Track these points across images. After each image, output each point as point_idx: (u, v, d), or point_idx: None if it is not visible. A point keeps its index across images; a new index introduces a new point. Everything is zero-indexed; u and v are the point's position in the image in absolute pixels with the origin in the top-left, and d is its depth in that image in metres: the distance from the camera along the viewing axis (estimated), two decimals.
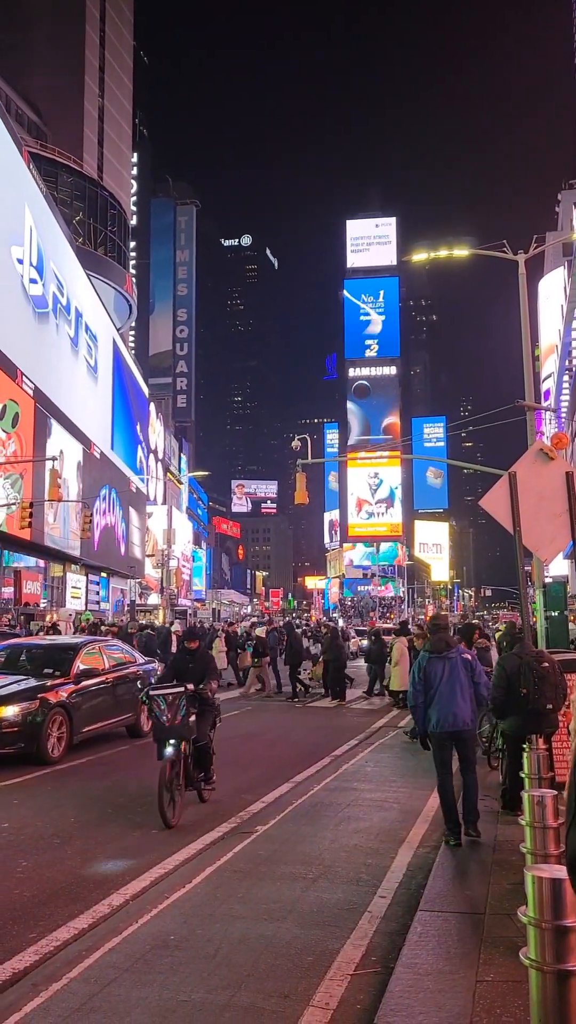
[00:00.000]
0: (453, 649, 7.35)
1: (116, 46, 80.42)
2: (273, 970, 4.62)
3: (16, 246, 35.32)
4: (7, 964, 4.73)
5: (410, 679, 7.54)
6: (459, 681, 7.13)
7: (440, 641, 7.41)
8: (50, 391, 40.17)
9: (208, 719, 8.94)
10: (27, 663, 12.24)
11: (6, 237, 34.25)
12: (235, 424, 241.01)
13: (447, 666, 7.19)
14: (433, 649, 7.35)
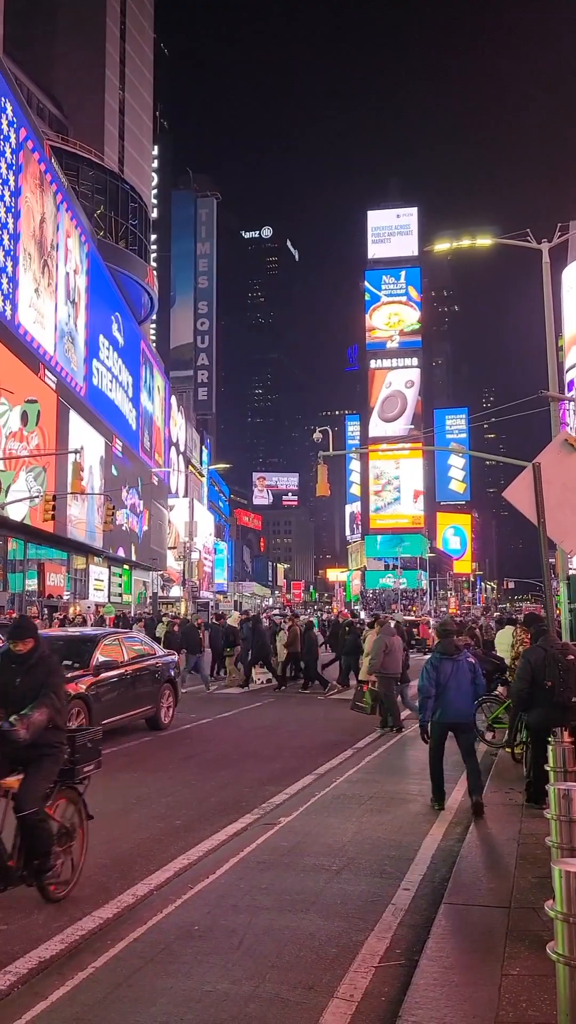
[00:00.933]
0: (460, 652, 8.37)
1: (137, 39, 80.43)
2: (297, 961, 4.62)
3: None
4: (33, 953, 4.77)
5: (421, 675, 8.39)
6: (463, 680, 8.18)
7: (449, 645, 8.37)
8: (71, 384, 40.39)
9: (44, 774, 5.49)
10: None
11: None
12: (256, 416, 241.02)
13: (454, 667, 8.20)
14: (443, 651, 8.33)
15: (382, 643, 13.67)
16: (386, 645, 13.56)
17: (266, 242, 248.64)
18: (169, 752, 11.65)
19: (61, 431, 37.89)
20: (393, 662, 13.48)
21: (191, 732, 13.52)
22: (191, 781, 9.62)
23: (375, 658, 13.57)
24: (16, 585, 36.85)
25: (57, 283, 38.87)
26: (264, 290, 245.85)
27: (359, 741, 12.49)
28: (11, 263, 32.72)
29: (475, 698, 8.55)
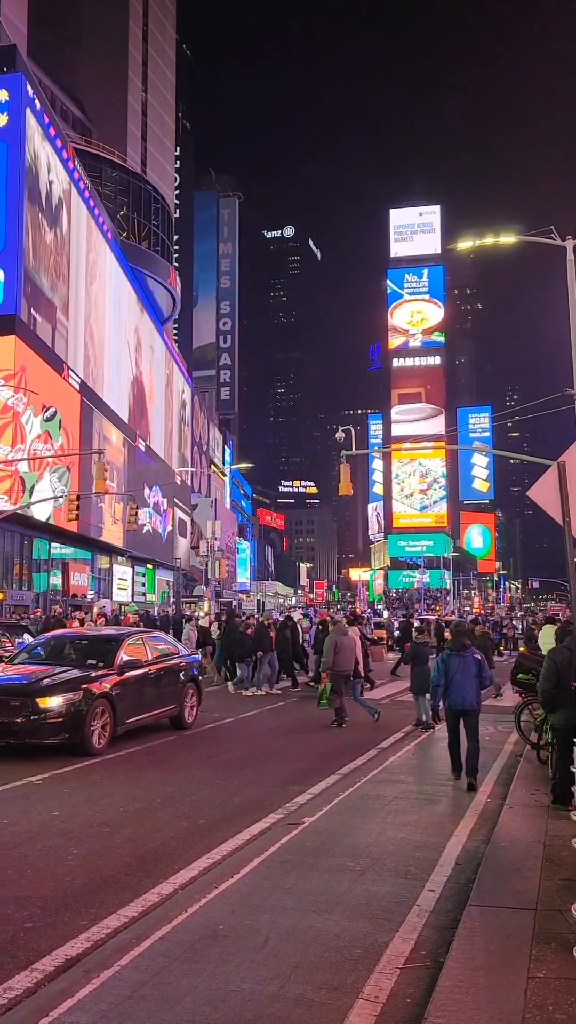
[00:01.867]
0: (468, 649, 9.67)
1: (159, 40, 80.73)
2: (322, 962, 4.62)
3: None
4: (59, 951, 4.80)
5: (434, 668, 9.88)
6: (469, 673, 9.44)
7: (458, 643, 9.72)
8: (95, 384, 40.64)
9: None
10: (71, 654, 12.36)
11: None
12: (278, 416, 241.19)
13: (461, 661, 9.49)
14: (453, 648, 9.69)
15: (332, 642, 14.20)
16: (336, 644, 14.07)
17: (288, 241, 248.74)
18: (193, 751, 11.68)
19: (85, 431, 38.13)
20: (344, 660, 14.00)
21: (215, 731, 13.55)
22: (215, 780, 9.64)
23: (326, 656, 14.15)
24: (41, 584, 37.16)
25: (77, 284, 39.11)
26: (286, 289, 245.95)
27: (383, 741, 12.46)
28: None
29: (480, 688, 9.60)
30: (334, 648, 14.06)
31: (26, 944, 4.91)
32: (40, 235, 33.93)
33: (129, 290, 49.15)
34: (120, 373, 46.34)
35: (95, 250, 41.76)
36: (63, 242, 36.98)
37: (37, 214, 33.57)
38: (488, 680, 9.86)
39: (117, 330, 45.81)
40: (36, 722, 10.37)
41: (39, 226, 33.83)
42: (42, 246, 34.14)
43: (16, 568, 34.94)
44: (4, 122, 31.93)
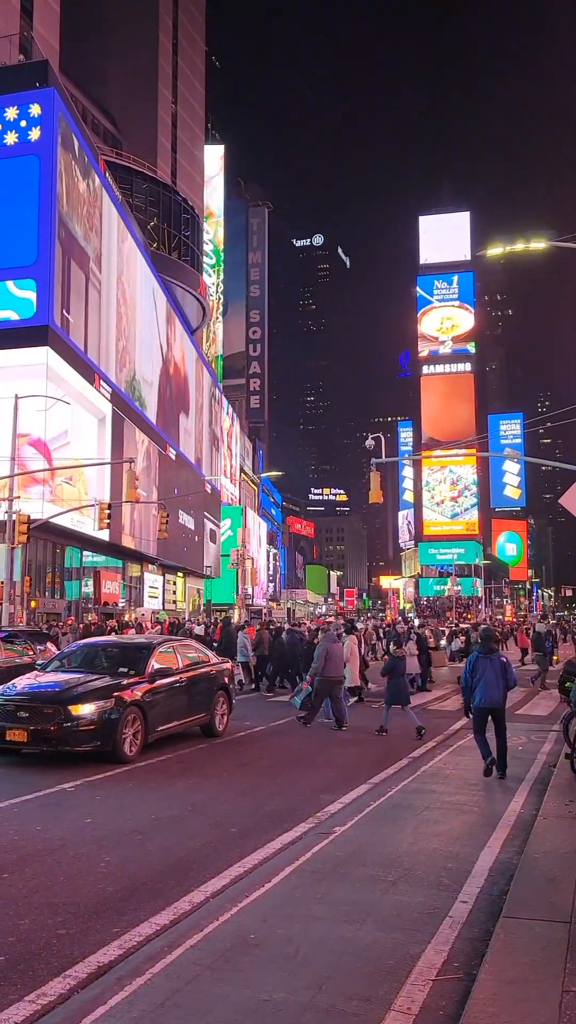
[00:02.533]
0: (495, 653, 10.58)
1: (189, 53, 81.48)
2: (353, 972, 4.60)
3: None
4: (92, 957, 4.83)
5: (464, 669, 10.73)
6: (497, 674, 10.27)
7: (487, 646, 10.60)
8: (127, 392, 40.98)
9: None
10: (102, 662, 12.43)
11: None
12: (308, 424, 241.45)
13: (489, 663, 10.35)
14: (483, 651, 10.50)
15: (323, 649, 14.85)
16: (327, 651, 14.69)
17: (317, 250, 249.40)
18: (223, 759, 11.69)
19: (116, 440, 38.44)
20: (333, 667, 14.66)
21: (245, 740, 13.55)
22: (245, 789, 9.64)
23: (316, 663, 14.71)
24: (72, 592, 37.48)
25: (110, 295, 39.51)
26: (315, 297, 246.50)
27: (414, 751, 12.39)
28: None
29: (506, 689, 10.49)
30: (324, 655, 14.65)
31: (59, 950, 4.95)
32: (73, 244, 34.32)
33: (161, 299, 49.57)
34: (151, 381, 46.70)
35: (126, 259, 42.17)
36: (96, 251, 37.38)
37: (71, 225, 33.98)
38: (513, 681, 10.60)
39: (148, 340, 46.19)
40: (69, 729, 10.45)
41: (72, 235, 34.24)
42: (75, 255, 34.53)
43: (48, 577, 35.28)
44: (36, 136, 32.40)
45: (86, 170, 36.66)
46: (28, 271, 31.67)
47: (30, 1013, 4.16)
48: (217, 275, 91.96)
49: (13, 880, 6.25)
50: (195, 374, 59.19)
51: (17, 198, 32.13)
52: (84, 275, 35.86)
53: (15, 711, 10.71)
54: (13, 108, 32.65)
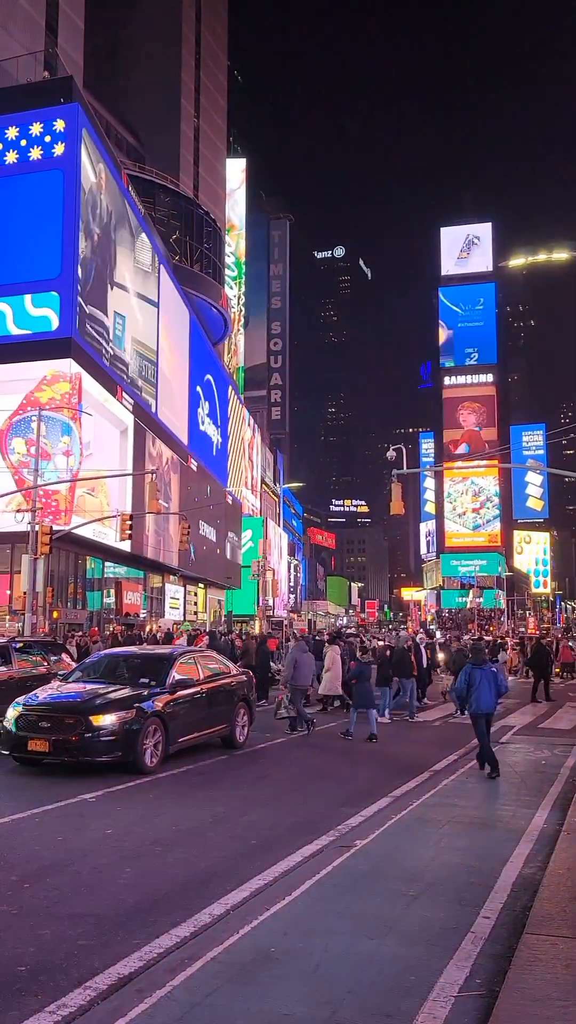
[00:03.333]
0: (487, 663, 11.75)
1: (211, 67, 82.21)
2: (374, 988, 4.56)
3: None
4: (113, 969, 4.83)
5: (459, 678, 11.72)
6: (488, 682, 11.37)
7: (478, 658, 11.80)
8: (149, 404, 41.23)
9: None
10: (124, 672, 12.46)
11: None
12: (329, 435, 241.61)
13: (482, 673, 11.46)
14: (475, 662, 11.68)
15: (292, 658, 15.64)
16: (296, 660, 15.57)
17: (338, 261, 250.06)
18: (244, 771, 11.67)
19: (137, 451, 38.64)
20: (302, 676, 15.64)
21: (265, 752, 13.52)
22: (266, 801, 9.62)
23: (285, 671, 15.61)
24: (94, 603, 37.64)
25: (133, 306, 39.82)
26: (336, 309, 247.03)
27: (436, 764, 12.30)
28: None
29: (497, 696, 11.58)
30: (294, 664, 15.48)
31: (80, 961, 4.95)
32: (95, 257, 34.65)
33: (183, 311, 49.88)
34: (173, 393, 46.95)
35: (149, 272, 42.49)
36: (118, 264, 37.69)
37: (94, 237, 34.32)
38: (504, 688, 11.82)
39: (171, 351, 46.47)
40: (90, 740, 10.48)
41: (96, 248, 34.57)
42: (98, 268, 34.86)
43: (70, 587, 35.46)
44: (61, 151, 32.78)
45: (109, 184, 37.02)
46: (52, 284, 31.99)
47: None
48: (239, 287, 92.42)
49: (35, 890, 6.26)
50: (216, 387, 59.41)
51: (42, 212, 32.49)
52: (107, 287, 36.16)
53: (37, 721, 10.76)
54: (38, 124, 33.07)
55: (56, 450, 31.02)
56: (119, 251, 38.01)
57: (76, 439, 31.62)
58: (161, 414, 43.86)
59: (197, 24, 78.72)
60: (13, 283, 32.48)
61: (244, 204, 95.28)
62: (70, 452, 31.36)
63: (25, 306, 32.31)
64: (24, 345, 31.90)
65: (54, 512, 29.83)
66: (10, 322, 32.46)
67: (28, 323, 32.26)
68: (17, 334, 32.24)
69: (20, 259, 32.50)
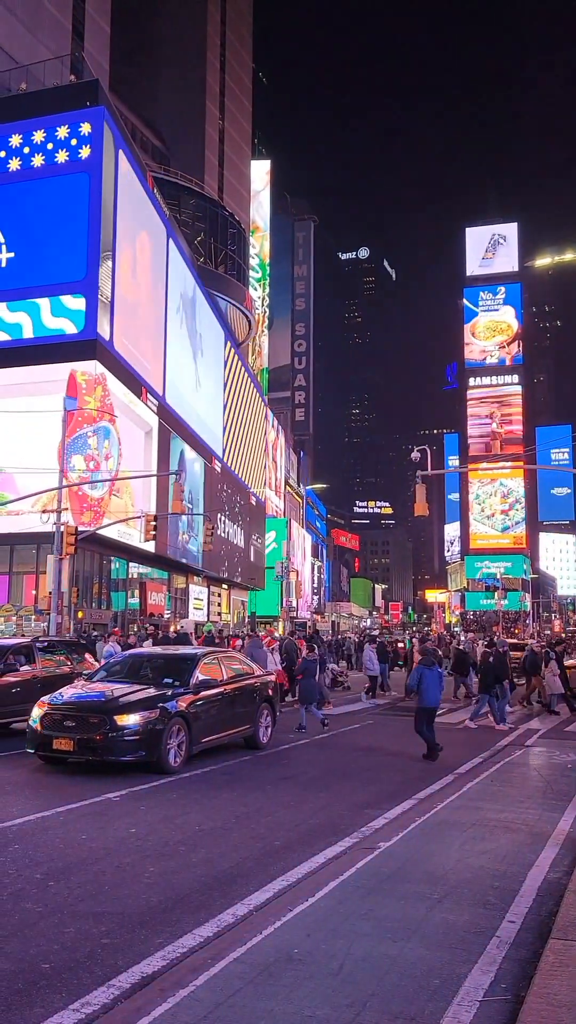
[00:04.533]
0: (435, 665, 13.47)
1: (236, 69, 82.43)
2: (398, 990, 4.53)
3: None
4: (136, 968, 4.83)
5: (412, 677, 13.45)
6: (436, 682, 13.12)
7: (428, 661, 13.48)
8: (174, 405, 41.37)
9: None
10: (148, 672, 12.51)
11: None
12: (353, 436, 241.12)
13: (431, 673, 13.14)
14: (426, 664, 13.32)
15: (247, 655, 16.66)
16: (251, 656, 16.65)
17: (363, 262, 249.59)
18: (267, 772, 11.67)
19: (162, 452, 38.80)
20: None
21: (289, 752, 13.51)
22: (289, 802, 9.61)
23: None
24: (119, 603, 37.82)
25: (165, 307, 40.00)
26: (361, 310, 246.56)
27: (460, 767, 12.23)
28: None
29: (442, 692, 13.58)
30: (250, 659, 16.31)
31: (103, 960, 4.96)
32: (121, 260, 34.83)
33: (208, 312, 50.03)
34: (198, 394, 47.10)
35: (173, 273, 42.66)
36: (143, 266, 37.88)
37: (119, 240, 34.50)
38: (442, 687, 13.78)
39: (196, 353, 46.61)
40: (114, 739, 10.53)
41: (121, 252, 34.75)
42: (123, 270, 35.04)
43: (95, 587, 35.65)
44: (87, 153, 32.98)
45: (134, 186, 37.21)
46: (78, 286, 32.18)
47: (74, 1022, 4.17)
48: (263, 289, 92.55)
49: (59, 888, 6.29)
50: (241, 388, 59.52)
51: (68, 215, 32.70)
52: (131, 289, 36.34)
53: (62, 720, 10.83)
54: (64, 127, 33.30)
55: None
56: (143, 253, 38.18)
57: (115, 441, 31.83)
58: (187, 414, 43.96)
59: (222, 26, 78.98)
60: (40, 285, 32.72)
61: (268, 205, 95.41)
62: (110, 455, 31.74)
63: (51, 308, 32.54)
64: (50, 347, 32.13)
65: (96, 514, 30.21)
66: (37, 323, 32.70)
67: (54, 325, 32.50)
68: (44, 336, 32.49)
69: (47, 261, 32.74)
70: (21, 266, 33.16)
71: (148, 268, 38.87)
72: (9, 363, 32.34)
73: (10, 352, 32.56)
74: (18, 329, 32.88)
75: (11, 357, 32.44)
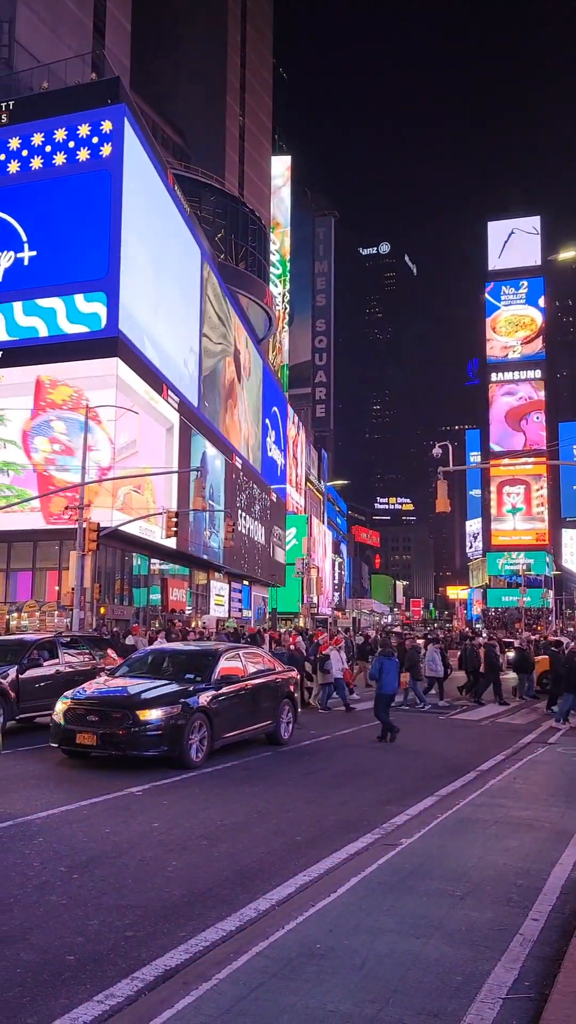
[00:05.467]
0: (392, 656, 15.38)
1: (256, 64, 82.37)
2: (420, 987, 4.52)
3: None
4: (159, 961, 4.86)
5: (373, 666, 15.19)
6: (393, 671, 14.73)
7: (386, 651, 15.61)
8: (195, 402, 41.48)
9: None
10: (170, 668, 12.56)
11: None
12: (374, 433, 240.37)
13: (389, 663, 14.78)
14: (384, 655, 15.14)
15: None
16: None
17: (384, 258, 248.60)
18: (288, 768, 11.68)
19: (183, 449, 38.91)
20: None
21: (310, 749, 13.53)
22: (311, 798, 9.62)
23: None
24: (140, 599, 38.00)
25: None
26: (382, 306, 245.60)
27: (483, 763, 12.19)
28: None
29: (397, 681, 14.99)
30: None
31: (127, 952, 5.00)
32: (141, 258, 34.93)
33: (229, 310, 50.10)
34: (218, 390, 47.19)
35: (194, 270, 42.74)
36: (164, 263, 37.97)
37: (139, 238, 34.60)
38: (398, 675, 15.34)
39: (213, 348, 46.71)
40: (136, 734, 10.59)
41: (141, 250, 34.85)
42: (144, 267, 35.14)
43: (117, 583, 35.84)
44: (107, 152, 33.10)
45: (155, 184, 37.30)
46: (99, 284, 32.34)
47: (99, 1013, 4.21)
48: (283, 285, 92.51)
49: (83, 881, 6.35)
50: (262, 385, 59.58)
51: (89, 213, 32.85)
52: (152, 287, 36.44)
53: (85, 715, 10.91)
54: (85, 125, 33.45)
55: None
56: (165, 250, 38.27)
57: (104, 438, 31.86)
58: (208, 412, 44.05)
59: (242, 22, 78.95)
60: (61, 283, 32.91)
61: (289, 201, 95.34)
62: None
63: (74, 306, 32.72)
64: (72, 345, 32.32)
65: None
66: (59, 321, 32.90)
67: (75, 323, 32.67)
68: (65, 334, 32.68)
69: (68, 260, 32.92)
70: (43, 264, 33.37)
71: (169, 266, 38.94)
72: (30, 361, 32.59)
73: (31, 350, 32.80)
74: (40, 327, 33.11)
75: (32, 355, 32.69)
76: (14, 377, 32.70)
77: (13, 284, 33.58)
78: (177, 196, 41.17)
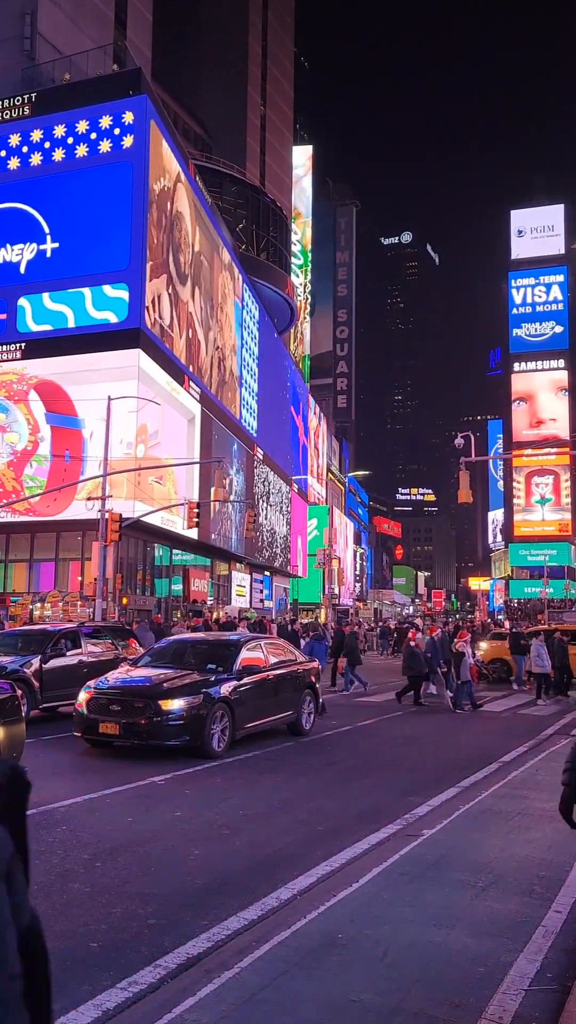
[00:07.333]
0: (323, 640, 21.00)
1: (278, 54, 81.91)
2: (443, 978, 4.52)
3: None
4: (181, 949, 4.89)
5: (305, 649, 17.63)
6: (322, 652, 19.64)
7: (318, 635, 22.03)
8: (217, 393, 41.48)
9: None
10: (191, 658, 12.62)
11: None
12: (395, 423, 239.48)
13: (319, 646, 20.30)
14: (316, 638, 19.90)
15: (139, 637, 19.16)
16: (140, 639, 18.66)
17: (405, 247, 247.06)
18: (310, 758, 11.70)
19: (204, 439, 38.97)
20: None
21: (332, 739, 13.53)
22: (332, 788, 9.63)
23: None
24: (162, 590, 38.17)
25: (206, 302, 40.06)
26: (403, 296, 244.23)
27: (505, 755, 12.14)
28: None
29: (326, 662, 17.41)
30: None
31: (150, 940, 5.03)
32: (164, 248, 34.95)
33: (250, 300, 50.07)
34: (240, 382, 47.18)
35: (216, 261, 42.72)
36: (186, 254, 37.97)
37: (162, 228, 34.62)
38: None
39: (239, 341, 46.68)
40: (158, 724, 10.65)
41: (164, 240, 34.87)
42: (166, 259, 35.16)
43: (139, 574, 36.01)
44: (129, 143, 33.11)
45: (176, 175, 37.27)
46: (121, 276, 32.40)
47: (122, 1000, 4.24)
48: (304, 275, 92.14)
49: (106, 869, 6.39)
50: (283, 376, 59.53)
51: (111, 204, 32.91)
52: (175, 278, 36.47)
53: (108, 704, 10.98)
54: (107, 117, 33.47)
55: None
56: (186, 241, 38.26)
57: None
58: (230, 403, 44.06)
59: (264, 12, 78.46)
60: (84, 275, 33.01)
61: (310, 191, 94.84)
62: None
63: (95, 297, 32.82)
64: (94, 336, 32.42)
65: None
66: (81, 313, 33.02)
67: (98, 315, 32.77)
68: (88, 325, 32.79)
69: (91, 251, 33.01)
70: (65, 256, 33.48)
71: (192, 257, 38.93)
72: (53, 352, 32.74)
73: (54, 341, 32.95)
74: (63, 319, 33.26)
75: (55, 346, 32.84)
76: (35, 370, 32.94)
77: (36, 276, 33.72)
78: (199, 187, 41.12)
